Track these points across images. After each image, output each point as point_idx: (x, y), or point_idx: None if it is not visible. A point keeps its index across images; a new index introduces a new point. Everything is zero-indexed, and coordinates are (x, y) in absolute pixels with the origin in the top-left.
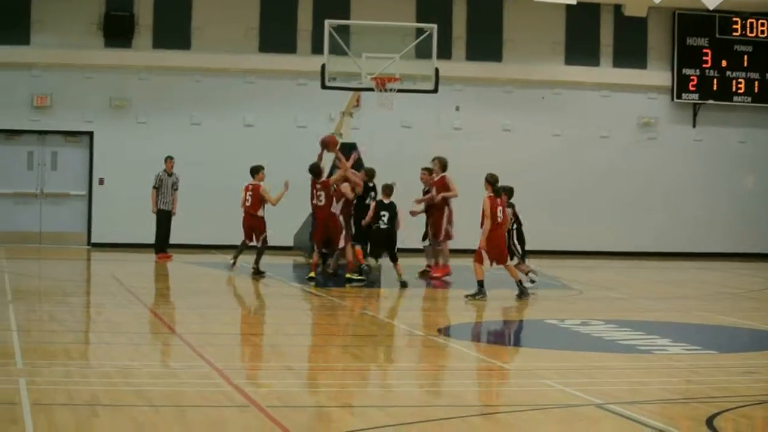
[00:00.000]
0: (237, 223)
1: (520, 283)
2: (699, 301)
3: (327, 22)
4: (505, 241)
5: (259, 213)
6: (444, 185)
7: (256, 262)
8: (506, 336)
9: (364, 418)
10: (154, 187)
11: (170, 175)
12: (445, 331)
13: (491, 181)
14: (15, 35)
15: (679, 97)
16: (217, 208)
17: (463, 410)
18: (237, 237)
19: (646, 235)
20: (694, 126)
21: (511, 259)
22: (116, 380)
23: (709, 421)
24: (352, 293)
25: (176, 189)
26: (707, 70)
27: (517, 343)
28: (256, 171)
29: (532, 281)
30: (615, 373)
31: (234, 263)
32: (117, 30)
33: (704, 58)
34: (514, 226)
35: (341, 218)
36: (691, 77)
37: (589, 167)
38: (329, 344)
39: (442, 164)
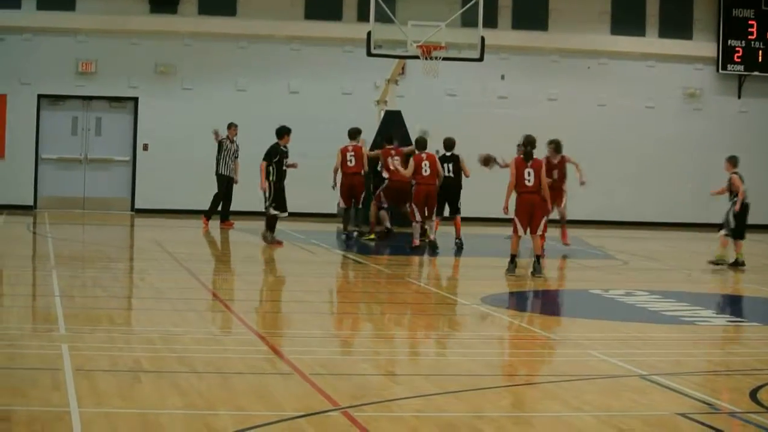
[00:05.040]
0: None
1: (538, 258)
2: (744, 272)
3: None
4: (539, 208)
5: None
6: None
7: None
8: (550, 306)
9: (409, 387)
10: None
11: (232, 142)
12: (489, 300)
13: (525, 143)
14: (60, 1)
15: (724, 68)
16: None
17: (508, 379)
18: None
19: (690, 205)
20: (739, 97)
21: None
22: (159, 346)
23: (753, 394)
24: (398, 261)
25: (236, 157)
26: (753, 42)
27: (561, 313)
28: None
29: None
30: (659, 344)
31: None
32: None
33: (750, 29)
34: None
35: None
36: (737, 48)
37: (634, 137)
38: (373, 312)
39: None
